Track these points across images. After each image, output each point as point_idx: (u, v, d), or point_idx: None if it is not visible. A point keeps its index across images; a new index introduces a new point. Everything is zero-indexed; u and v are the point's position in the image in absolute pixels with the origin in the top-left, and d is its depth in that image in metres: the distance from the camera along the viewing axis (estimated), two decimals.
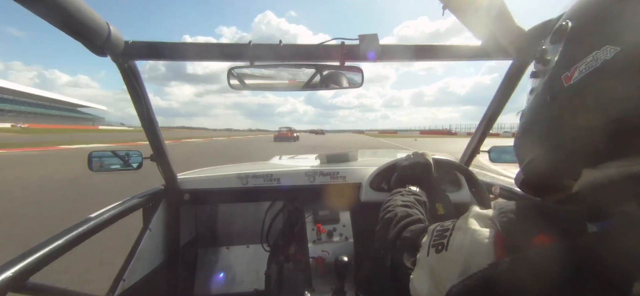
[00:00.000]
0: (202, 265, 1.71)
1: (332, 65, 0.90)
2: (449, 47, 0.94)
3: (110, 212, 0.96)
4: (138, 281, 1.10)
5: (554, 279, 0.27)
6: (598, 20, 0.34)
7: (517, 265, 0.30)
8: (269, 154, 3.51)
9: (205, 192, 1.43)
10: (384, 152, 2.16)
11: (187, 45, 0.86)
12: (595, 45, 0.33)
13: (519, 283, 0.29)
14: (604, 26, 0.34)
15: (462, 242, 0.39)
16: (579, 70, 0.34)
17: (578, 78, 0.34)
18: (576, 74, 0.34)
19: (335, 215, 1.36)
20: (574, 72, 0.35)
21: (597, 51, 0.33)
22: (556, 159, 0.39)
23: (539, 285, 0.28)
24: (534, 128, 0.42)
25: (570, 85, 0.35)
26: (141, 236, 1.18)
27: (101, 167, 1.26)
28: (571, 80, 0.35)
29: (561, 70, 0.37)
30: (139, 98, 0.98)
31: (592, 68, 0.33)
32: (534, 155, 0.43)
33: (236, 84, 0.90)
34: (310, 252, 1.26)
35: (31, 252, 0.66)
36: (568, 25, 0.38)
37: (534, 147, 0.43)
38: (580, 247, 0.28)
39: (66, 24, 0.62)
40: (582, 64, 0.34)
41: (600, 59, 0.32)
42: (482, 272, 0.33)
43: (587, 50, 0.34)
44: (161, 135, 1.13)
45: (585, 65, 0.33)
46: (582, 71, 0.34)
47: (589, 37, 0.35)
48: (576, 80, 0.34)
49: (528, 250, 0.31)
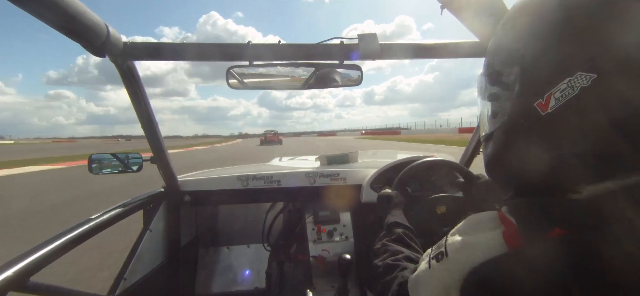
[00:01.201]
0: (202, 264, 1.71)
1: (331, 63, 0.90)
2: (448, 45, 0.94)
3: (111, 213, 0.96)
4: (138, 280, 1.10)
5: (568, 268, 0.29)
6: (564, 45, 0.34)
7: (535, 254, 0.32)
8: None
9: (206, 193, 1.43)
10: (384, 153, 2.15)
11: (186, 46, 0.87)
12: (566, 71, 0.33)
13: (536, 269, 0.31)
14: (571, 52, 0.33)
15: (465, 242, 0.39)
16: (554, 97, 0.33)
17: (556, 106, 0.33)
18: (552, 102, 0.34)
19: (336, 215, 1.36)
20: (549, 99, 0.34)
21: (570, 78, 0.32)
22: (547, 183, 0.38)
23: (554, 273, 0.30)
24: (512, 158, 0.41)
25: (549, 114, 0.34)
26: (141, 237, 1.18)
27: (101, 169, 1.26)
28: (548, 108, 0.34)
29: (532, 97, 0.36)
30: (138, 99, 0.98)
31: (570, 96, 0.32)
32: (518, 180, 0.42)
33: (235, 84, 0.90)
34: (311, 251, 1.26)
35: (32, 252, 0.66)
36: (520, 49, 0.37)
37: (512, 178, 0.43)
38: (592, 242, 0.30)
39: (65, 25, 0.62)
40: (556, 91, 0.33)
41: (577, 86, 0.32)
42: (497, 260, 0.35)
43: (558, 76, 0.33)
44: (161, 136, 1.14)
45: (560, 93, 0.33)
46: (559, 99, 0.33)
47: (557, 62, 0.34)
48: (554, 109, 0.33)
49: (545, 241, 0.33)
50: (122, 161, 1.25)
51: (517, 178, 0.42)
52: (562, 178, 0.35)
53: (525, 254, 0.33)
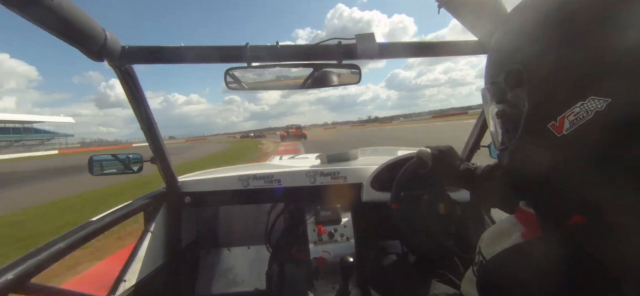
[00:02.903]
0: (203, 265, 1.72)
1: (329, 63, 0.90)
2: (446, 43, 0.94)
3: (112, 215, 0.97)
4: (139, 281, 1.10)
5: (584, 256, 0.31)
6: (571, 69, 0.34)
7: (553, 242, 0.34)
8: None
9: (207, 194, 1.43)
10: (385, 150, 2.14)
11: (184, 49, 0.87)
12: (578, 95, 0.33)
13: (556, 254, 0.32)
14: (580, 78, 0.33)
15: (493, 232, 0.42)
16: (568, 120, 0.34)
17: (571, 129, 0.34)
18: (567, 125, 0.34)
19: (337, 215, 1.36)
20: (563, 121, 0.34)
21: (583, 102, 0.32)
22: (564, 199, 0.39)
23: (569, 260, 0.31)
24: (533, 172, 0.41)
25: (565, 136, 0.34)
26: (142, 238, 1.18)
27: (102, 170, 1.27)
28: (563, 130, 0.34)
29: (544, 118, 0.36)
30: (137, 102, 0.99)
31: (585, 119, 0.33)
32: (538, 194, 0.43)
33: (233, 85, 0.90)
34: (312, 253, 1.26)
35: (33, 254, 0.67)
36: (521, 71, 0.37)
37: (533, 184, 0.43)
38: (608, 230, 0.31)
39: (62, 30, 0.62)
40: (569, 114, 0.34)
41: (591, 110, 0.32)
42: (511, 250, 0.37)
43: (570, 99, 0.34)
44: (161, 138, 1.14)
45: (574, 116, 0.33)
46: (573, 122, 0.34)
47: (566, 86, 0.34)
48: (569, 131, 0.34)
49: (564, 229, 0.34)
50: (123, 162, 1.26)
51: (534, 189, 0.42)
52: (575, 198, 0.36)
53: (542, 242, 0.35)
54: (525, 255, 0.35)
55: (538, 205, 0.41)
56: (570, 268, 0.31)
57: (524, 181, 0.45)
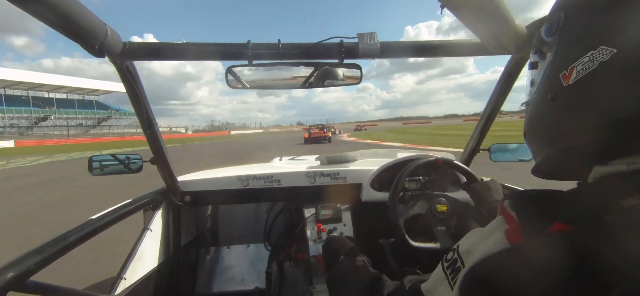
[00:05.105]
0: (203, 264, 1.71)
1: (330, 62, 0.90)
2: (448, 43, 0.94)
3: (112, 214, 0.96)
4: (138, 280, 1.09)
5: (569, 264, 0.28)
6: (593, 18, 0.34)
7: (535, 250, 0.31)
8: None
9: (206, 193, 1.43)
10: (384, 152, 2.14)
11: (185, 46, 0.86)
12: (590, 45, 0.32)
13: (536, 266, 0.30)
14: (599, 25, 0.33)
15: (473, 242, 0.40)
16: (576, 70, 0.34)
17: (576, 79, 0.34)
18: (574, 75, 0.34)
19: (336, 215, 1.36)
20: (572, 71, 0.34)
21: (593, 52, 0.32)
22: (565, 159, 0.39)
23: (556, 269, 0.29)
24: (539, 127, 0.42)
25: (569, 85, 0.34)
26: (141, 237, 1.17)
27: (101, 170, 1.26)
28: (569, 80, 0.34)
29: (559, 68, 0.36)
30: (138, 100, 0.98)
31: (589, 69, 0.32)
32: (543, 154, 0.43)
33: (234, 83, 0.90)
34: (311, 251, 1.26)
35: (33, 252, 0.66)
36: (561, 18, 0.37)
37: (541, 146, 0.43)
38: (593, 237, 0.29)
39: (63, 26, 0.62)
40: (578, 64, 0.33)
41: (597, 60, 0.32)
42: (497, 256, 0.34)
43: (583, 49, 0.33)
44: (161, 137, 1.13)
45: (582, 66, 0.33)
46: (580, 72, 0.33)
47: (584, 35, 0.34)
48: (574, 81, 0.34)
49: (547, 236, 0.32)
50: (122, 162, 1.26)
51: (546, 147, 0.42)
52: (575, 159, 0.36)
53: (526, 249, 0.33)
54: (516, 261, 0.34)
55: (519, 207, 0.39)
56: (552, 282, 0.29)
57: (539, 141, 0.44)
